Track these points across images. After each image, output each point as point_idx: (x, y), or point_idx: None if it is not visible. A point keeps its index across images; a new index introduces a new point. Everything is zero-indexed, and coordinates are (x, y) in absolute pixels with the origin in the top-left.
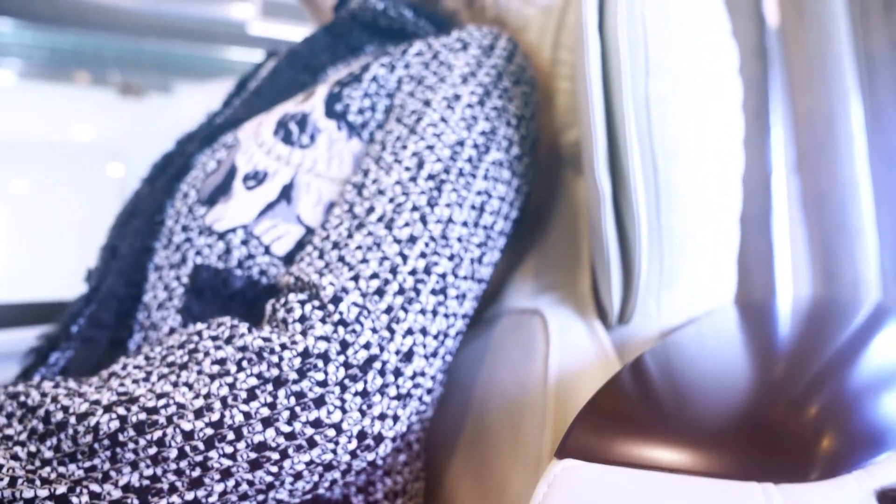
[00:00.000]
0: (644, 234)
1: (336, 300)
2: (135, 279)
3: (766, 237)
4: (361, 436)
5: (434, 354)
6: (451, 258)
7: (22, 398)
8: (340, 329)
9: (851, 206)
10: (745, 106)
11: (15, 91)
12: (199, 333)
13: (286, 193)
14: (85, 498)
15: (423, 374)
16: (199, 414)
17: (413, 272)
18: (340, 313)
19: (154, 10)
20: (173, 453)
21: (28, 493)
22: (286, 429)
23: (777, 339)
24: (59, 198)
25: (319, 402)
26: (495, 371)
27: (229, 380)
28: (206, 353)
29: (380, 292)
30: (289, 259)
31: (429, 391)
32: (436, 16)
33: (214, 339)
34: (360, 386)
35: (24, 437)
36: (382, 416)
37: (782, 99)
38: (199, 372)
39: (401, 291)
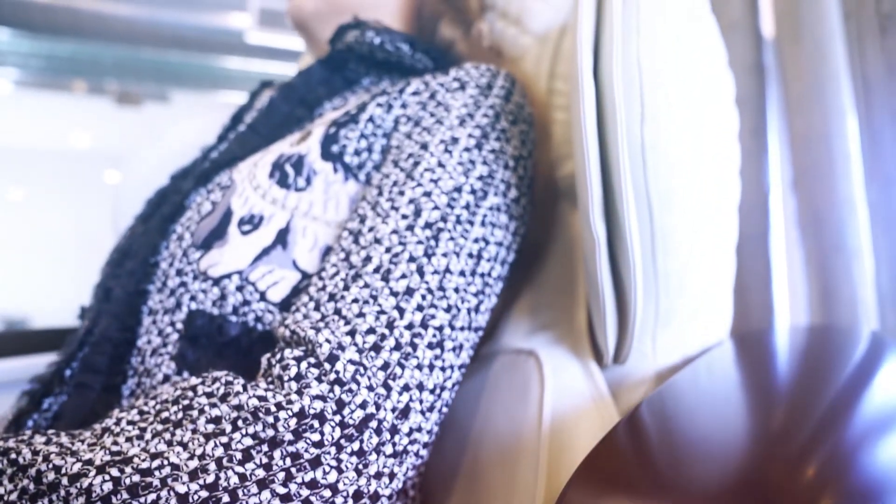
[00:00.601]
0: (640, 280)
1: (332, 358)
2: (128, 323)
3: (764, 256)
4: (357, 496)
5: (431, 409)
6: (447, 310)
7: (13, 455)
8: (336, 388)
9: (849, 226)
10: (741, 124)
11: (12, 99)
12: (194, 389)
13: (282, 238)
14: None
15: (419, 429)
16: (193, 475)
17: (410, 326)
18: (337, 372)
19: (151, 20)
20: None
21: None
22: (281, 490)
23: (774, 383)
24: (57, 204)
25: (315, 462)
26: (491, 412)
27: (224, 440)
28: (201, 411)
29: (376, 348)
30: (284, 305)
31: (425, 445)
32: (433, 49)
33: (209, 395)
34: (356, 445)
35: (14, 496)
36: (378, 475)
37: (779, 117)
38: (194, 431)
39: (397, 347)
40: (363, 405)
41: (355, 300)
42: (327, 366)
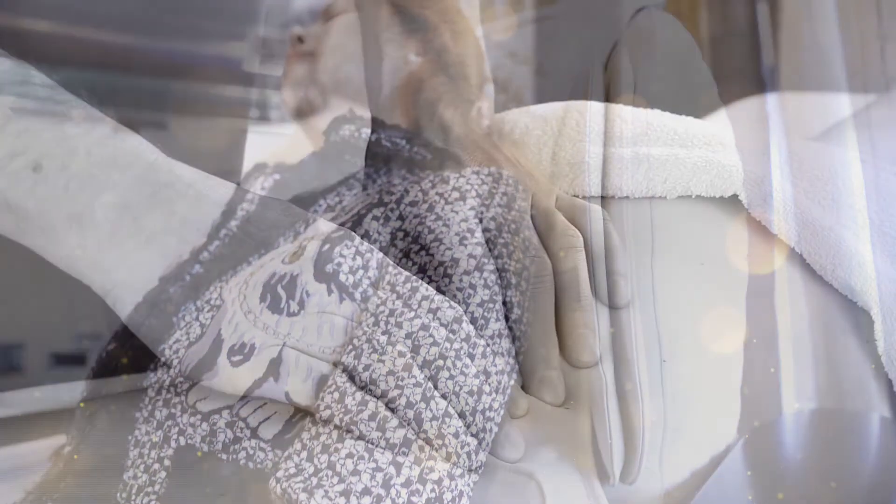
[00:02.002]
0: (647, 412)
1: None
2: (112, 454)
3: (770, 314)
4: None
5: None
6: (447, 458)
7: None
8: None
9: (856, 284)
10: (746, 173)
11: (9, 125)
12: None
13: (273, 369)
14: None
15: None
16: None
17: (407, 483)
18: None
19: (148, 48)
20: None
21: None
22: None
23: None
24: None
25: None
26: None
27: None
28: None
29: None
30: (277, 442)
31: None
32: (432, 139)
33: None
34: None
35: None
36: None
37: (783, 167)
38: None
39: None
40: None
41: (349, 454)
42: None
